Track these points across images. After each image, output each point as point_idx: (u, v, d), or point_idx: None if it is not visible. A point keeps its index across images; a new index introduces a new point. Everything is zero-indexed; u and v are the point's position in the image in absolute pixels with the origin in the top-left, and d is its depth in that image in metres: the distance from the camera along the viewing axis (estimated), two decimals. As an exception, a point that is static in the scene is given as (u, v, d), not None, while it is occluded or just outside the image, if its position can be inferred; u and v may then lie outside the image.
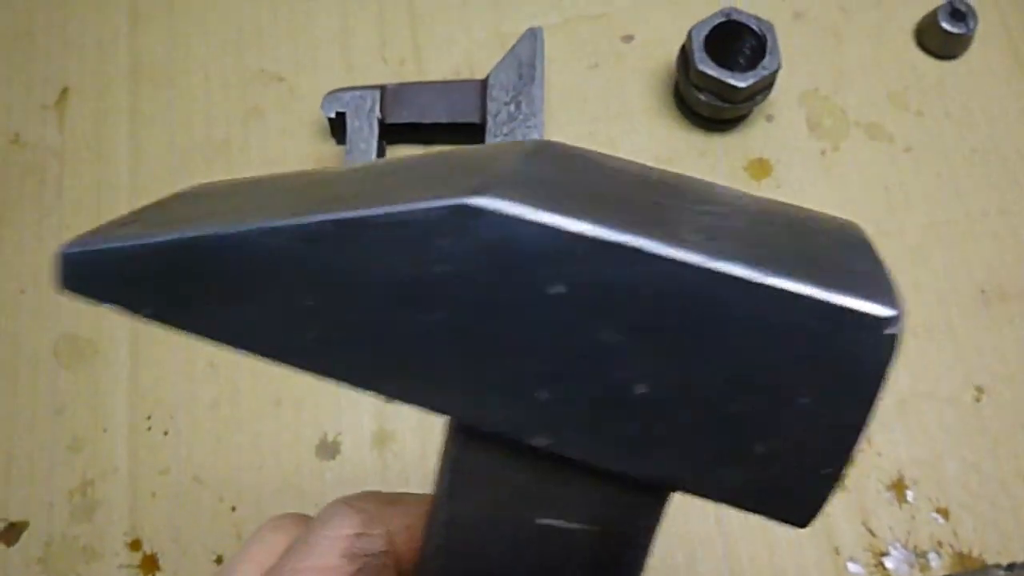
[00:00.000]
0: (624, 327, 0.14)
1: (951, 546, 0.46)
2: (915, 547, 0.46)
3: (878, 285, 0.14)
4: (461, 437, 0.17)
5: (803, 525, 0.15)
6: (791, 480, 0.15)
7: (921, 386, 0.49)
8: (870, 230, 0.53)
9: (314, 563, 0.18)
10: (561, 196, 0.14)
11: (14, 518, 0.47)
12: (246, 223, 0.15)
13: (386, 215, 0.14)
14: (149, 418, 0.49)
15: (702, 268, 0.14)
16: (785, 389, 0.14)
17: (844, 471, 0.15)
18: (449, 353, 0.15)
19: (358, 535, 0.19)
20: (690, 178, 0.18)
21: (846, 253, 0.16)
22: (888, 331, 0.14)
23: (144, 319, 0.18)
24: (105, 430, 0.49)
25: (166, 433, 0.48)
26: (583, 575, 0.17)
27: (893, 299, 0.14)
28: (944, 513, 0.47)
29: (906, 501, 0.47)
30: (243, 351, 0.17)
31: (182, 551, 0.46)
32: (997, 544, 0.46)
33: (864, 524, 0.47)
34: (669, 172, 0.18)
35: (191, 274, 0.16)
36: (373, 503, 0.20)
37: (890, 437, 0.48)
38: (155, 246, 0.16)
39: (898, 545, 0.46)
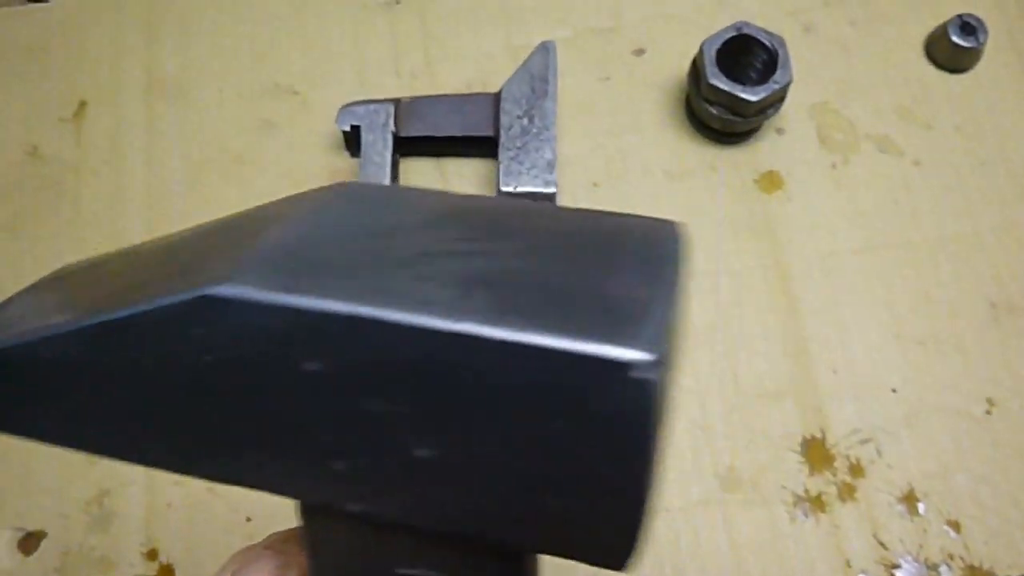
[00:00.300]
0: (385, 395, 0.14)
1: (962, 559, 0.46)
2: (926, 560, 0.46)
3: (637, 323, 0.13)
4: (305, 517, 0.17)
5: (619, 569, 0.14)
6: (595, 530, 0.14)
7: (931, 398, 0.49)
8: (879, 241, 0.54)
9: None
10: (310, 269, 0.14)
11: (32, 528, 0.48)
12: (34, 332, 0.16)
13: (142, 313, 0.15)
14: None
15: (436, 331, 0.13)
16: (555, 444, 0.13)
17: (645, 519, 0.14)
18: (243, 435, 0.15)
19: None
20: (500, 207, 0.17)
21: (628, 280, 0.15)
22: (638, 376, 0.12)
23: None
24: (122, 441, 0.49)
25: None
26: None
27: (650, 339, 0.12)
28: (955, 526, 0.47)
29: (917, 514, 0.47)
30: (56, 446, 0.17)
31: (197, 562, 0.47)
32: (1008, 557, 0.46)
33: (875, 536, 0.47)
34: (481, 202, 0.17)
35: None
36: (291, 543, 0.21)
37: (900, 449, 0.48)
38: None
39: (909, 558, 0.46)
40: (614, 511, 0.14)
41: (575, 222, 0.17)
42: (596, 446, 0.13)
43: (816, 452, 0.49)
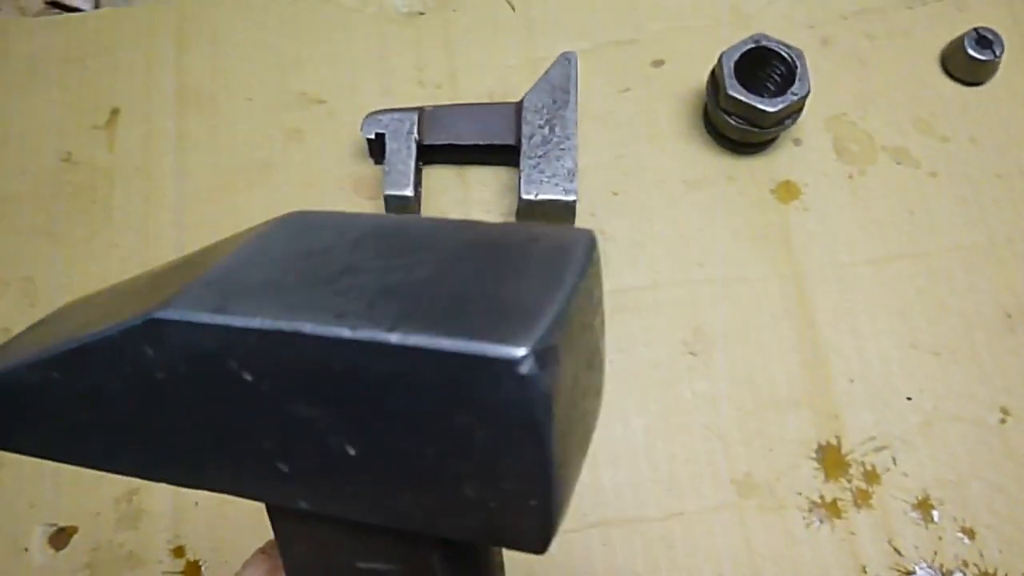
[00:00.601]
0: (310, 399, 0.15)
1: (976, 566, 0.47)
2: (941, 566, 0.47)
3: (525, 322, 0.14)
4: (283, 535, 0.19)
5: (539, 552, 0.15)
6: (512, 515, 0.15)
7: (947, 407, 0.50)
8: (895, 251, 0.54)
9: None
10: (242, 291, 0.16)
11: (64, 523, 0.49)
12: (20, 360, 0.18)
13: (103, 338, 0.17)
14: (193, 429, 0.50)
15: (344, 339, 0.15)
16: (461, 437, 0.14)
17: (556, 504, 0.15)
18: (198, 444, 0.17)
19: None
20: (426, 224, 0.19)
21: (527, 284, 0.16)
22: (521, 371, 0.13)
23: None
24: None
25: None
26: None
27: (536, 336, 0.13)
28: (970, 533, 0.47)
29: (932, 521, 0.48)
30: (49, 459, 0.19)
31: (223, 559, 0.48)
32: (1022, 565, 0.46)
33: (890, 543, 0.47)
34: (409, 221, 0.19)
35: None
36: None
37: (916, 457, 0.49)
38: None
39: (924, 565, 0.47)
40: (525, 498, 0.15)
41: (492, 234, 0.18)
42: (497, 438, 0.14)
43: (831, 459, 0.49)
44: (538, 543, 0.15)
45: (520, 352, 0.13)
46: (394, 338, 0.14)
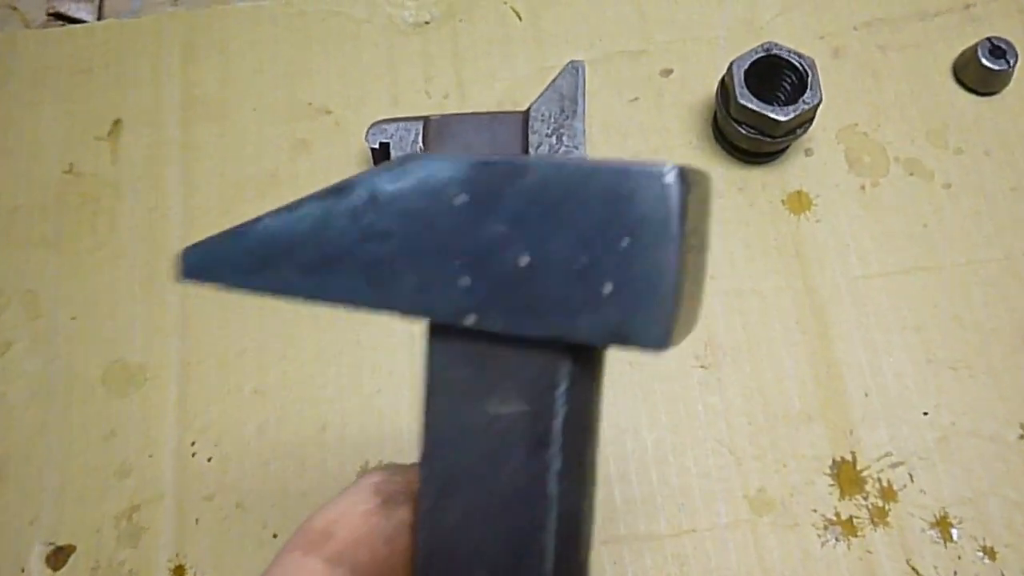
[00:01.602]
0: (507, 217, 0.19)
1: (997, 586, 0.45)
2: (960, 586, 0.46)
3: (662, 164, 0.19)
4: (429, 347, 0.22)
5: (661, 346, 0.18)
6: (640, 308, 0.18)
7: (964, 424, 0.49)
8: (909, 264, 0.53)
9: (351, 495, 0.23)
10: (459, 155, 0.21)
11: (62, 542, 0.48)
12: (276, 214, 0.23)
13: (365, 177, 0.22)
14: (194, 444, 0.50)
15: (552, 165, 0.19)
16: (611, 239, 0.18)
17: (678, 303, 0.18)
18: (408, 267, 0.21)
19: (384, 480, 0.24)
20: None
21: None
22: (667, 179, 0.18)
23: (228, 288, 0.24)
24: (151, 456, 0.49)
25: (210, 459, 0.49)
26: (525, 453, 0.20)
27: (674, 166, 0.18)
28: (990, 553, 0.46)
29: (951, 539, 0.46)
30: (291, 299, 0.23)
31: (225, 577, 0.47)
32: (1045, 585, 0.45)
33: (908, 562, 0.46)
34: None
35: (242, 249, 0.23)
36: (397, 466, 0.25)
37: (933, 475, 0.48)
38: (222, 238, 0.24)
39: (943, 584, 0.46)
40: (654, 286, 0.18)
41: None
42: (638, 237, 0.18)
43: (847, 475, 0.48)
44: (659, 337, 0.18)
45: (666, 168, 0.18)
46: (574, 160, 0.19)
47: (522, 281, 0.19)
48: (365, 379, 0.51)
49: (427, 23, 0.60)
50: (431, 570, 0.21)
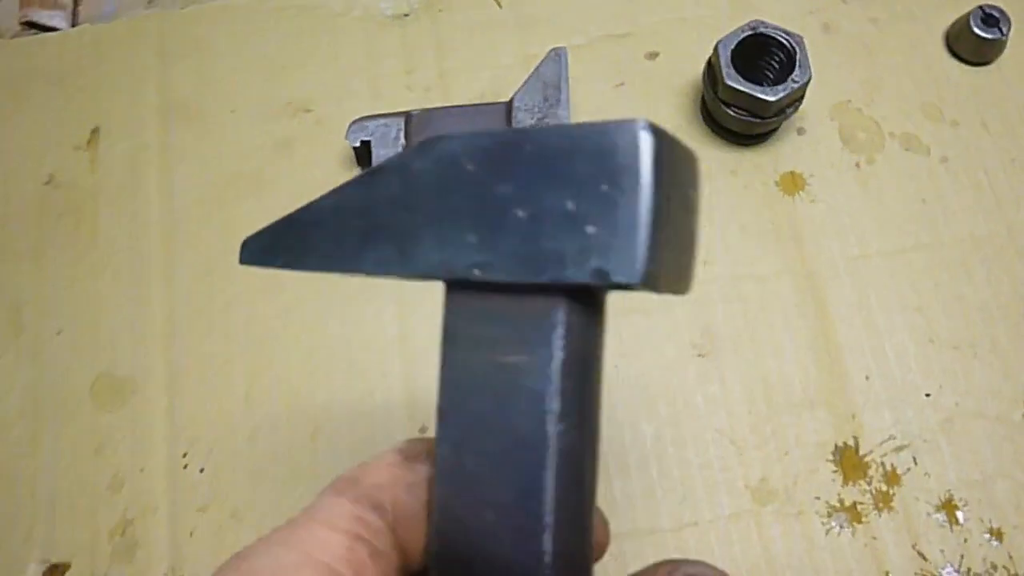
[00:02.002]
0: (507, 179, 0.22)
1: (1006, 569, 0.45)
2: (969, 570, 0.45)
3: (636, 119, 0.21)
4: (445, 306, 0.24)
5: (634, 279, 0.20)
6: (615, 245, 0.20)
7: (968, 404, 0.48)
8: (908, 242, 0.52)
9: (378, 456, 0.26)
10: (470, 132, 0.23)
11: (56, 559, 0.47)
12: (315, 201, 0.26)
13: (389, 160, 0.24)
14: (185, 455, 0.49)
15: (546, 130, 0.22)
16: (593, 188, 0.20)
17: (655, 246, 0.20)
18: (428, 232, 0.23)
19: (406, 445, 0.26)
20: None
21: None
22: (637, 128, 0.20)
23: (282, 268, 0.27)
24: (143, 469, 0.49)
25: (202, 470, 0.48)
26: (527, 397, 0.22)
27: (645, 121, 0.20)
28: (998, 535, 0.45)
29: (957, 523, 0.46)
30: (328, 271, 0.25)
31: (223, 588, 0.46)
32: (1055, 566, 0.44)
33: (914, 547, 0.45)
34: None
35: (293, 233, 0.26)
36: (418, 438, 0.27)
37: (938, 457, 0.47)
38: (275, 226, 0.27)
39: (951, 569, 0.45)
40: (629, 224, 0.20)
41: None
42: (616, 179, 0.20)
43: (849, 461, 0.47)
44: (632, 270, 0.20)
45: (639, 123, 0.20)
46: (565, 125, 0.22)
47: (519, 233, 0.21)
48: (356, 382, 0.50)
49: (406, 15, 0.59)
50: (447, 514, 0.23)
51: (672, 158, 0.21)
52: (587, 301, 0.22)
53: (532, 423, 0.22)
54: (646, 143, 0.20)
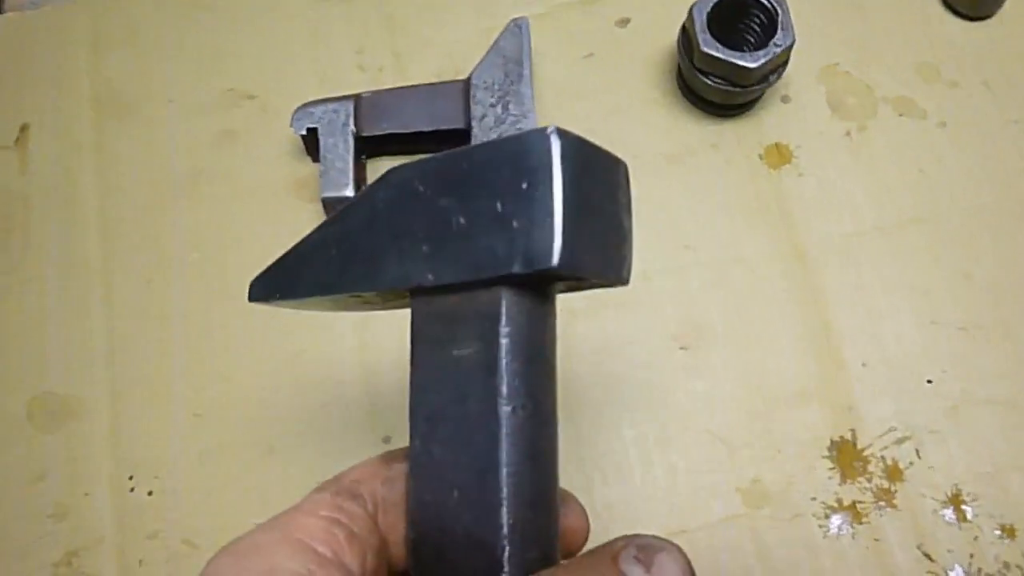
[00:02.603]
0: (449, 193, 0.24)
1: (1020, 568, 0.41)
2: (979, 570, 0.41)
3: (547, 126, 0.23)
4: (412, 311, 0.26)
5: (549, 263, 0.22)
6: (533, 232, 0.22)
7: (977, 390, 0.44)
8: (907, 216, 0.48)
9: (361, 462, 0.28)
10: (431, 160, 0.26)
11: (-3, 596, 0.44)
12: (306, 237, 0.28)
13: (360, 196, 0.27)
14: (131, 478, 0.45)
15: (479, 146, 0.24)
16: (515, 187, 0.22)
17: (563, 221, 0.22)
18: (388, 249, 0.25)
19: (388, 451, 0.29)
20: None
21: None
22: (547, 133, 0.22)
23: (280, 304, 0.29)
24: (87, 494, 0.45)
25: (151, 493, 0.45)
26: (481, 384, 0.24)
27: (554, 127, 0.22)
28: (1010, 532, 0.42)
29: (966, 519, 0.42)
30: (323, 298, 0.28)
31: (175, 621, 0.43)
32: (1074, 565, 0.41)
33: (920, 547, 0.42)
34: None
35: (287, 269, 0.29)
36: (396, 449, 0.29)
37: (944, 448, 0.43)
38: (273, 266, 0.29)
39: (960, 569, 0.41)
40: (543, 217, 0.22)
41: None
42: (532, 179, 0.22)
43: (847, 456, 0.44)
44: (547, 254, 0.22)
45: (549, 128, 0.22)
46: (495, 139, 0.25)
47: (460, 238, 0.23)
48: (310, 394, 0.46)
49: (355, -11, 0.54)
50: (418, 500, 0.25)
51: (585, 157, 0.23)
52: (529, 292, 0.24)
53: (484, 407, 0.24)
54: (555, 144, 0.22)
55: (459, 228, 0.23)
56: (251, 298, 0.30)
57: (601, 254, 0.23)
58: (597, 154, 0.24)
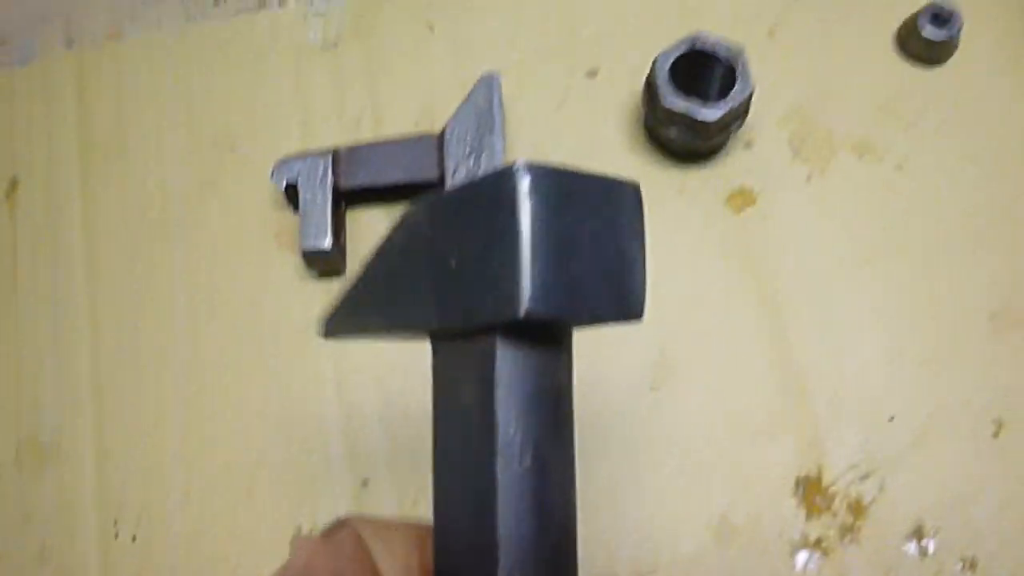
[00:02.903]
0: (447, 235, 0.23)
1: (981, 600, 0.42)
2: (942, 603, 0.42)
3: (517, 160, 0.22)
4: (432, 352, 0.25)
5: (518, 312, 0.20)
6: (503, 286, 0.21)
7: (935, 422, 0.45)
8: (868, 255, 0.49)
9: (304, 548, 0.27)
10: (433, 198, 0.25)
11: (-18, 641, 0.45)
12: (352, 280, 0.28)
13: (386, 236, 0.26)
14: (116, 523, 0.46)
15: (462, 186, 0.23)
16: (493, 225, 0.21)
17: (532, 262, 0.20)
18: (405, 289, 0.25)
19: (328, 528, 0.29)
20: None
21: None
22: (515, 170, 0.21)
23: (347, 339, 0.29)
24: (71, 538, 0.46)
25: (134, 538, 0.46)
26: (480, 432, 0.23)
27: (524, 160, 0.21)
28: (971, 565, 0.43)
29: (926, 554, 0.43)
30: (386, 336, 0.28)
31: (159, 663, 0.44)
32: (1032, 596, 0.42)
33: (885, 581, 0.43)
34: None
35: (344, 304, 0.28)
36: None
37: (905, 480, 0.45)
38: (334, 304, 0.29)
39: (923, 602, 0.42)
40: (510, 261, 0.21)
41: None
42: (504, 222, 0.21)
43: (813, 491, 0.45)
44: (517, 305, 0.20)
45: (517, 163, 0.21)
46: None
47: (453, 281, 0.22)
48: (293, 433, 0.47)
49: (335, 44, 0.56)
50: (439, 546, 0.25)
51: (567, 188, 0.21)
52: (528, 337, 0.22)
53: (482, 459, 0.22)
54: (522, 179, 0.21)
55: (452, 271, 0.23)
56: (325, 336, 0.29)
57: (596, 290, 0.22)
58: (586, 182, 0.22)
